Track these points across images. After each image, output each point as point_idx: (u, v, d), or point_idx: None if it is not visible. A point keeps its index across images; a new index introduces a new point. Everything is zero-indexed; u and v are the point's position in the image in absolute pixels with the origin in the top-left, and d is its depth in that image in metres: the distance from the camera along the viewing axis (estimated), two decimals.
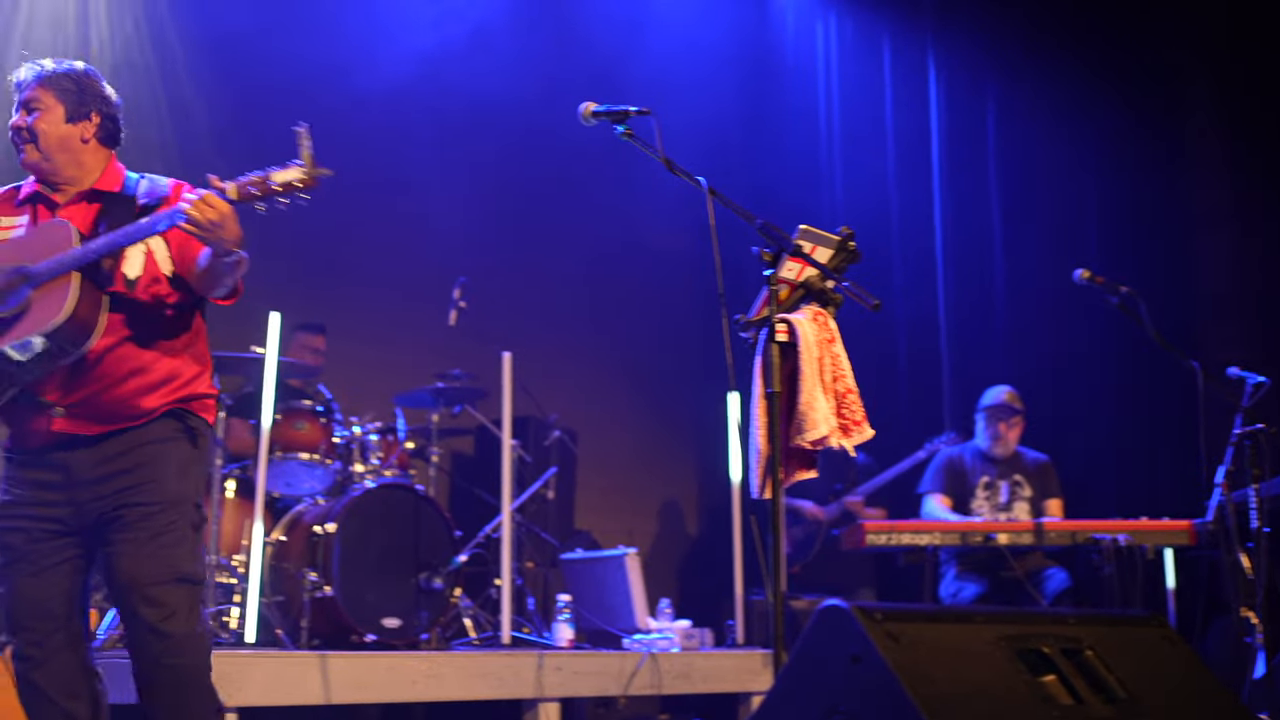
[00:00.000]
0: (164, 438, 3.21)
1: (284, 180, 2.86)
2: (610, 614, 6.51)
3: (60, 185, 3.29)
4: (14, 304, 3.05)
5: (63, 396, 3.15)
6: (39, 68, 3.28)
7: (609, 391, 8.88)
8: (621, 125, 3.59)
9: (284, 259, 7.46)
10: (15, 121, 3.25)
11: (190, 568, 3.18)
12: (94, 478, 3.16)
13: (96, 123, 3.28)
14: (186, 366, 3.28)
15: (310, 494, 6.08)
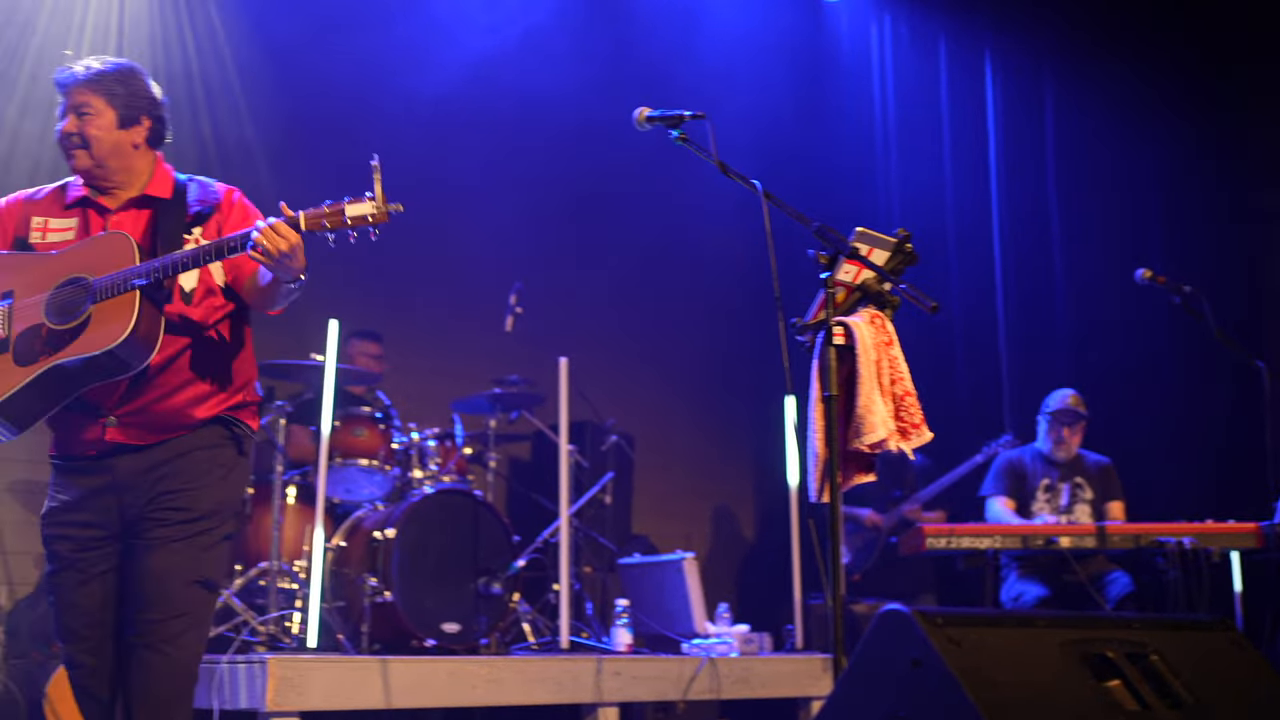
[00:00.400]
0: (210, 444, 3.21)
1: (356, 214, 2.88)
2: (668, 619, 6.50)
3: (110, 189, 3.26)
4: (76, 317, 3.04)
5: (117, 406, 3.14)
6: (85, 68, 3.21)
7: (666, 396, 8.87)
8: (676, 130, 3.58)
9: (342, 266, 7.50)
10: (65, 126, 3.20)
11: (211, 573, 3.19)
12: (139, 482, 3.16)
13: (147, 126, 3.25)
14: (236, 375, 3.28)
15: (370, 500, 6.13)
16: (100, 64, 3.23)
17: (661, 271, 8.91)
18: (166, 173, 3.32)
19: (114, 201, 3.26)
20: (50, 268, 3.13)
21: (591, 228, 8.59)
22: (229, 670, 4.79)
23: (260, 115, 7.29)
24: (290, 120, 7.40)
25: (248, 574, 5.73)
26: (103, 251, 3.10)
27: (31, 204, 3.31)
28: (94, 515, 3.17)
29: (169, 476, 3.15)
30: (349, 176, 7.57)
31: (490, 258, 8.01)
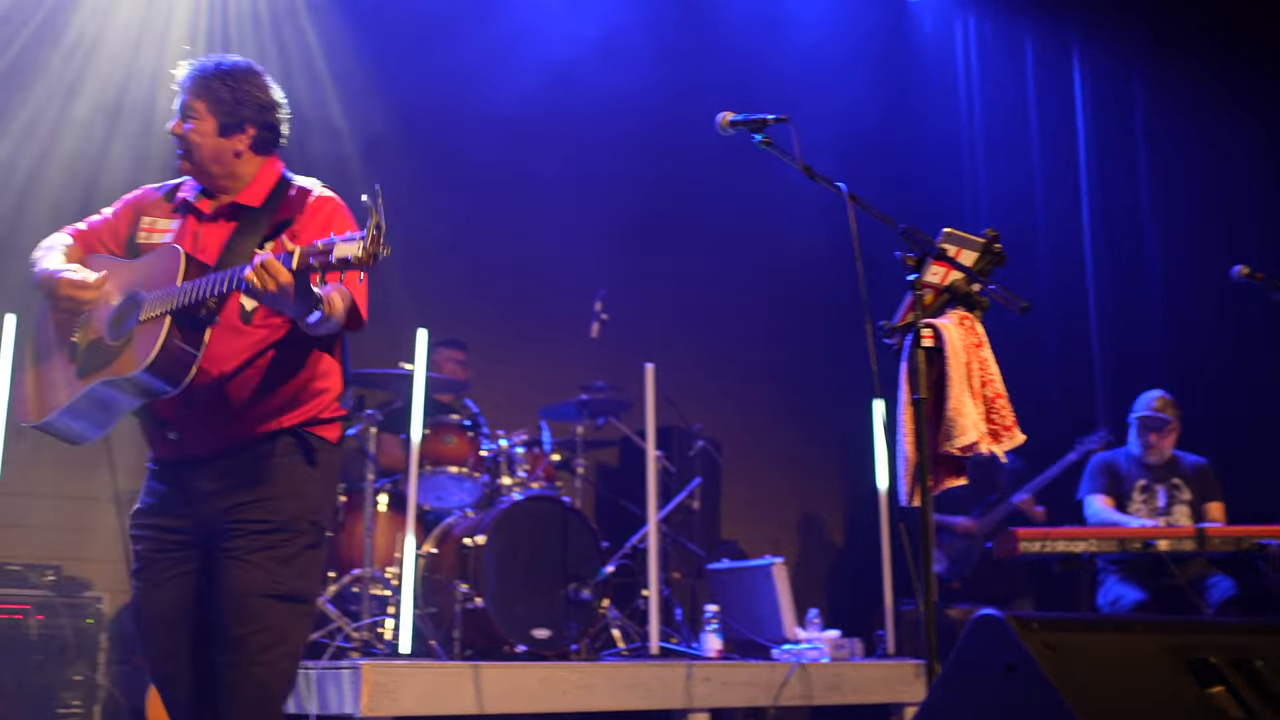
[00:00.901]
0: (283, 456, 3.14)
1: (342, 255, 2.71)
2: (758, 624, 6.47)
3: (216, 193, 3.23)
4: (122, 335, 3.02)
5: (181, 421, 3.13)
6: (197, 67, 3.18)
7: (753, 400, 8.85)
8: (760, 134, 3.57)
9: (430, 276, 7.61)
10: (172, 127, 3.19)
11: (295, 585, 3.09)
12: (211, 493, 3.13)
13: (251, 134, 3.19)
14: (306, 391, 3.19)
15: (459, 507, 6.18)
16: (213, 65, 3.19)
17: (747, 275, 8.88)
18: (268, 178, 3.24)
19: (211, 207, 3.23)
20: (122, 278, 3.13)
21: (676, 232, 8.59)
22: (324, 676, 4.85)
23: (348, 129, 7.39)
24: (375, 134, 7.49)
25: (341, 581, 5.81)
26: (157, 267, 3.06)
27: (146, 203, 3.31)
28: (173, 519, 3.16)
29: (242, 488, 3.11)
30: (426, 189, 7.70)
31: (576, 264, 8.04)
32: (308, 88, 7.30)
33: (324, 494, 3.24)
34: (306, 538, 3.13)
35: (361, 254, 2.69)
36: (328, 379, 3.25)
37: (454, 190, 7.83)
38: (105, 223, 3.32)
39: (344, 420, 3.30)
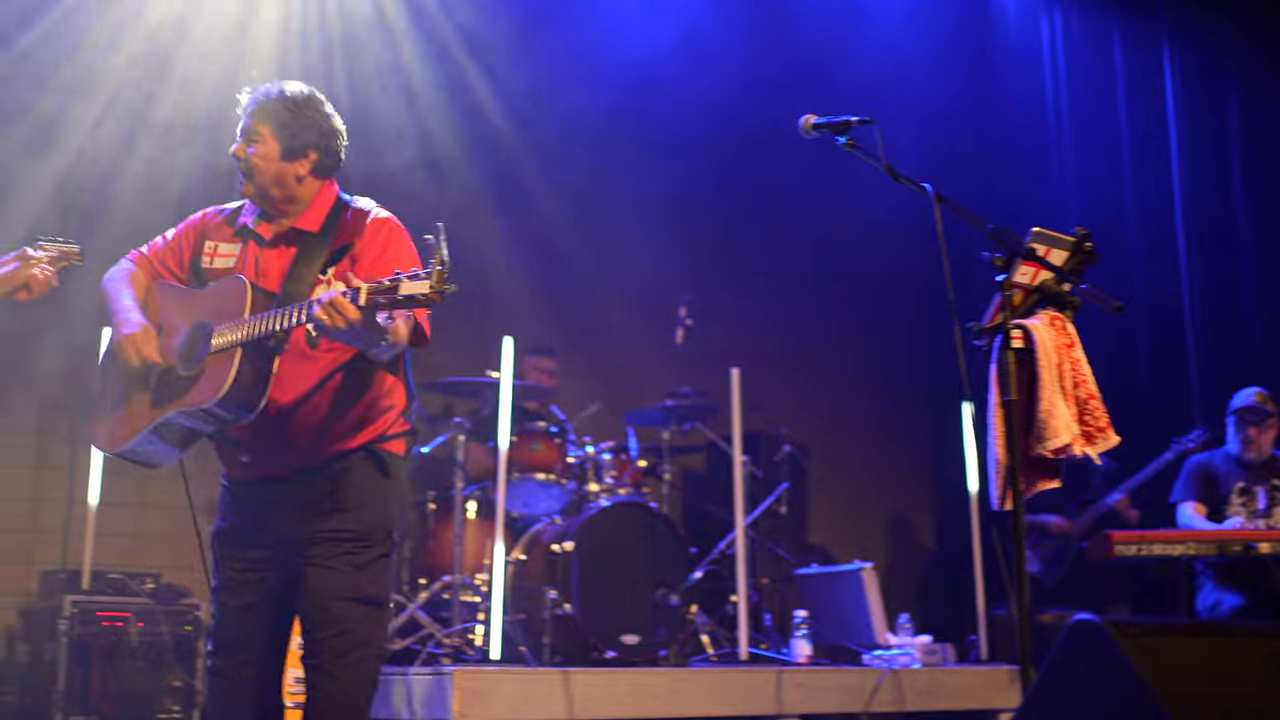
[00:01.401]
0: (356, 471, 3.22)
1: (408, 293, 2.76)
2: (848, 629, 6.43)
3: (274, 215, 3.27)
4: (194, 365, 3.10)
5: (252, 444, 3.21)
6: (262, 93, 3.23)
7: (839, 404, 8.79)
8: (843, 136, 3.55)
9: (515, 284, 7.67)
10: (235, 150, 3.23)
11: (372, 590, 3.19)
12: (289, 509, 3.21)
13: (313, 159, 3.22)
14: (374, 411, 3.25)
15: (547, 513, 6.21)
16: (277, 90, 3.23)
17: (831, 278, 8.83)
18: (325, 202, 3.28)
19: (271, 232, 3.28)
20: (189, 307, 3.20)
21: (761, 236, 8.57)
22: (416, 682, 4.90)
23: (431, 138, 7.47)
24: (459, 141, 7.57)
25: (432, 588, 5.87)
26: (223, 297, 3.12)
27: (208, 226, 3.37)
28: (254, 536, 3.25)
29: (319, 503, 3.19)
30: (510, 197, 7.75)
31: (660, 270, 8.05)
32: (390, 98, 7.38)
33: (396, 506, 3.32)
34: (381, 547, 3.23)
35: (429, 292, 2.74)
36: (393, 396, 3.31)
37: (539, 198, 7.87)
38: (167, 246, 3.39)
39: (409, 435, 3.36)
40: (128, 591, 5.70)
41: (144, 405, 3.17)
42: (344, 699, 3.13)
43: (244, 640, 3.24)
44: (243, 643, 3.24)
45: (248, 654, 3.24)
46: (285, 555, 3.22)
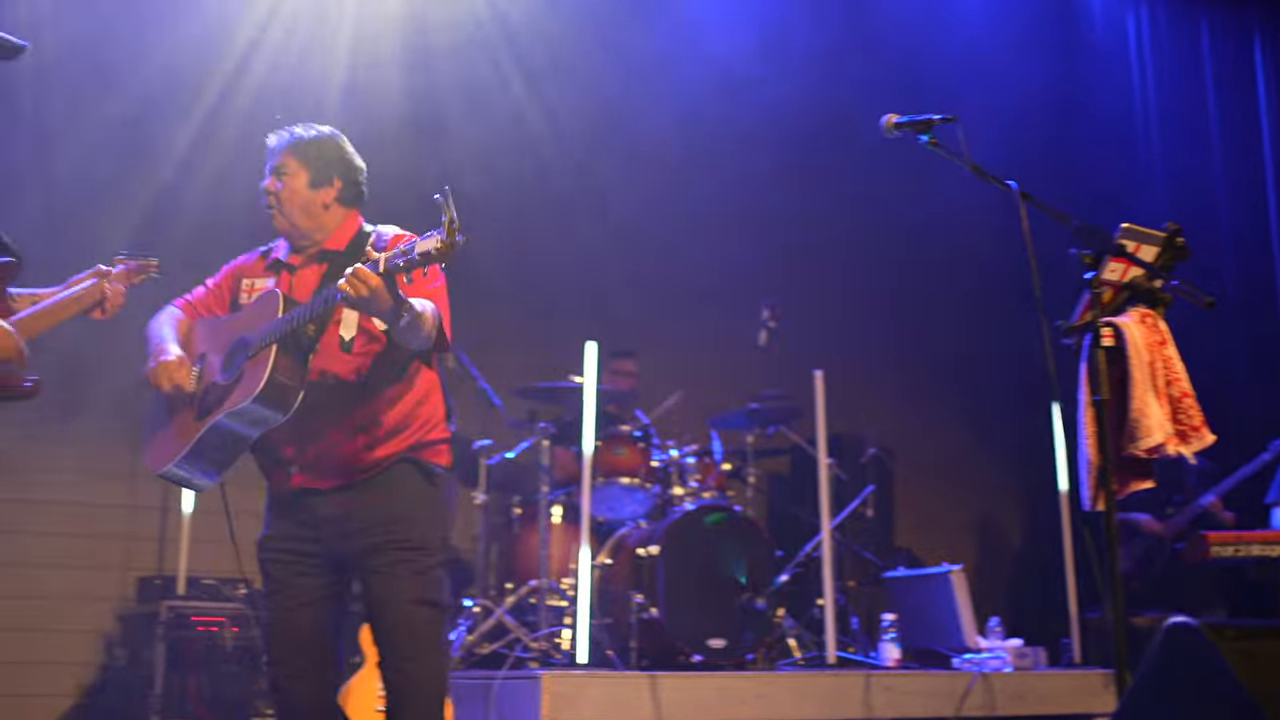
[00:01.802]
0: (399, 482, 3.33)
1: (423, 250, 2.88)
2: (937, 633, 6.37)
3: (304, 246, 3.44)
4: (233, 374, 3.23)
5: (297, 454, 3.32)
6: (288, 135, 3.44)
7: (925, 405, 8.71)
8: (926, 135, 3.51)
9: (597, 289, 7.69)
10: (266, 185, 3.41)
11: (434, 595, 3.32)
12: (338, 521, 3.32)
13: (338, 187, 3.41)
14: (414, 416, 3.37)
15: (632, 517, 6.22)
16: (303, 130, 3.45)
17: (915, 278, 8.76)
18: (351, 228, 3.45)
19: (301, 258, 3.45)
20: (231, 329, 3.36)
21: (843, 236, 8.52)
22: (504, 686, 4.93)
23: (509, 150, 7.52)
24: (536, 151, 7.61)
25: (519, 592, 5.90)
26: (260, 310, 3.29)
27: (244, 268, 3.56)
28: (302, 545, 3.37)
29: (369, 514, 3.30)
30: (591, 201, 7.78)
31: (743, 272, 8.04)
32: (467, 110, 7.44)
33: (445, 514, 3.44)
34: (437, 555, 3.36)
35: (440, 245, 2.84)
36: (430, 402, 3.43)
37: (619, 201, 7.90)
38: (209, 292, 3.58)
39: (452, 442, 3.48)
40: (221, 597, 5.81)
41: (189, 421, 3.31)
42: (420, 698, 3.29)
43: (297, 648, 3.35)
44: (296, 651, 3.35)
45: (302, 661, 3.35)
46: (336, 564, 3.36)
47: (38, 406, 3.28)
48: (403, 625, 3.28)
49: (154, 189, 6.65)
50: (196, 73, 6.80)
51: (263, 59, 6.97)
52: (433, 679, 3.33)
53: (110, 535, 6.45)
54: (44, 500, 6.31)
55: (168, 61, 6.70)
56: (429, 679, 3.31)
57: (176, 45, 6.74)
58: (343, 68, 7.05)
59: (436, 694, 3.33)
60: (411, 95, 7.25)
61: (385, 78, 7.18)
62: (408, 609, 3.28)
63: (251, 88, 6.88)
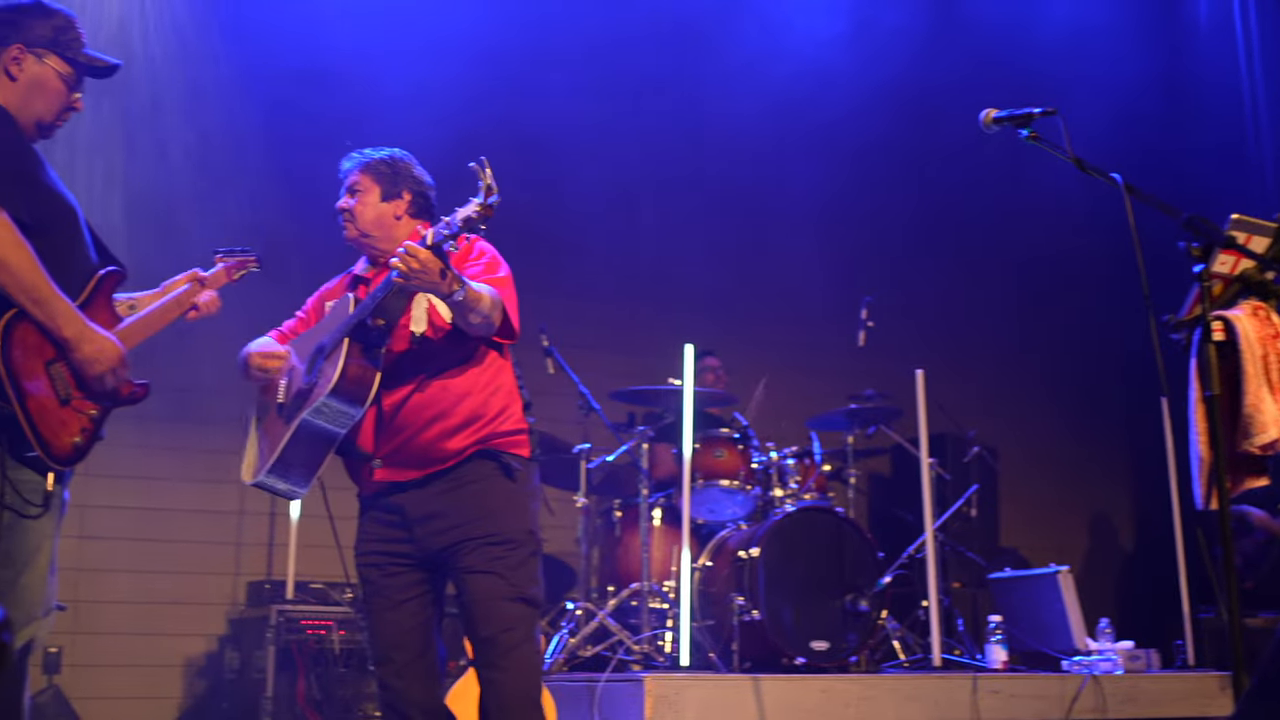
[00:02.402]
0: (481, 477, 3.43)
1: (464, 216, 3.05)
2: (1045, 634, 6.26)
3: (377, 258, 3.60)
4: (313, 376, 3.38)
5: (377, 448, 3.45)
6: (360, 156, 3.62)
7: (1028, 403, 8.58)
8: (1026, 129, 3.45)
9: (694, 291, 7.70)
10: (341, 203, 3.59)
11: (529, 591, 3.40)
12: (425, 517, 3.42)
13: (408, 200, 3.58)
14: (488, 406, 3.47)
15: (732, 519, 6.21)
16: (373, 151, 3.63)
17: (1016, 274, 8.64)
18: (417, 236, 3.58)
19: (374, 272, 3.60)
20: (312, 339, 3.51)
21: (942, 233, 8.43)
22: (607, 689, 4.95)
23: (600, 149, 7.55)
24: (632, 152, 7.63)
25: (620, 595, 5.92)
26: (334, 316, 3.47)
27: (327, 292, 3.74)
28: (393, 545, 3.47)
29: (457, 511, 3.40)
30: (688, 203, 7.77)
31: (840, 271, 7.99)
32: (566, 118, 7.48)
33: (530, 506, 3.53)
34: (528, 547, 3.44)
35: (479, 209, 3.02)
36: (503, 393, 3.54)
37: (716, 202, 7.90)
38: (300, 320, 3.76)
39: (529, 434, 3.58)
40: (329, 601, 5.91)
41: (278, 428, 3.44)
42: (517, 692, 3.36)
43: (398, 647, 3.45)
44: (398, 648, 3.44)
45: (405, 658, 3.44)
46: (428, 563, 3.45)
47: (149, 416, 3.37)
48: (494, 623, 3.34)
49: (239, 198, 6.78)
50: (275, 90, 6.90)
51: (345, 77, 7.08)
52: (531, 675, 3.40)
53: (221, 541, 6.60)
54: (157, 508, 6.48)
55: (248, 76, 6.82)
56: (522, 676, 3.37)
57: (260, 60, 6.86)
58: (437, 79, 7.11)
59: (535, 689, 3.40)
60: (511, 105, 7.31)
61: (485, 91, 7.24)
62: (498, 606, 3.35)
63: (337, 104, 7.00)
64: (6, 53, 3.10)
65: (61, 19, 3.18)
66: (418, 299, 3.39)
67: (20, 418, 2.87)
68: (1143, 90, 8.62)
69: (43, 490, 2.96)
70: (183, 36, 6.75)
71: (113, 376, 3.03)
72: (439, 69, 7.03)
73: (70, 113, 3.21)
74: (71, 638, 6.01)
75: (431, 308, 3.41)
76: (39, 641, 3.01)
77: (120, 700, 6.19)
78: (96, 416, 3.04)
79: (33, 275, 2.87)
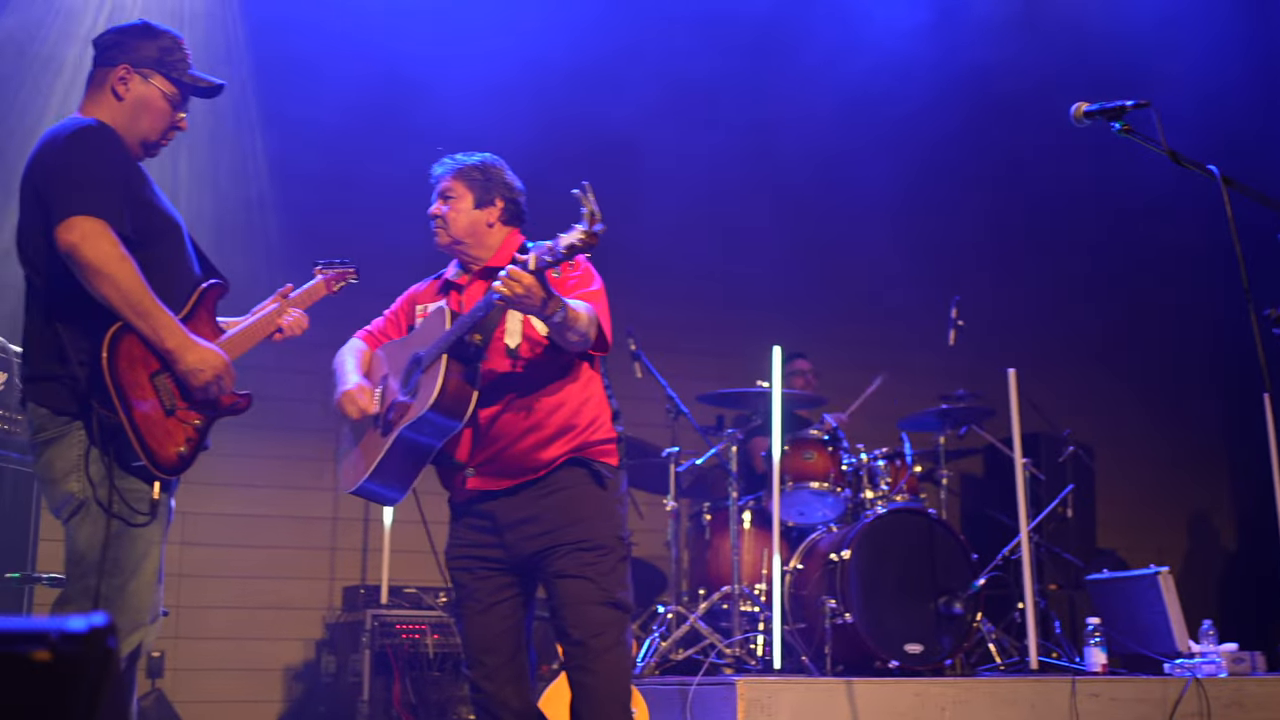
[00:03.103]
0: (572, 484, 3.46)
1: (568, 244, 3.02)
2: (1145, 637, 6.14)
3: (469, 264, 3.62)
4: (410, 389, 3.41)
5: (471, 458, 3.48)
6: (453, 162, 3.63)
7: (1124, 400, 8.43)
8: (1118, 122, 3.39)
9: (782, 293, 7.67)
10: (433, 209, 3.60)
11: (620, 595, 3.43)
12: (516, 522, 3.46)
13: (500, 207, 3.58)
14: (580, 417, 3.49)
15: (823, 522, 6.17)
16: (465, 157, 3.64)
17: (1109, 268, 8.49)
18: (513, 246, 3.57)
19: (467, 279, 3.63)
20: (407, 349, 3.55)
21: (1031, 229, 8.31)
22: (700, 692, 4.94)
23: (686, 152, 7.55)
24: (717, 161, 7.62)
25: (711, 598, 5.91)
26: (431, 327, 3.48)
27: (417, 295, 3.76)
28: (484, 550, 3.51)
29: (549, 517, 3.44)
30: (775, 205, 7.73)
31: (928, 270, 7.91)
32: (651, 122, 7.50)
33: (619, 512, 3.55)
34: (618, 552, 3.47)
35: (583, 236, 2.99)
36: (595, 403, 3.56)
37: (803, 203, 7.86)
38: (389, 320, 3.79)
39: (619, 443, 3.60)
40: (422, 605, 5.97)
41: (375, 440, 3.49)
42: (607, 695, 3.39)
43: (489, 650, 3.48)
44: (489, 651, 3.48)
45: (496, 661, 3.48)
46: (519, 567, 3.49)
47: (244, 424, 3.43)
48: (584, 627, 3.37)
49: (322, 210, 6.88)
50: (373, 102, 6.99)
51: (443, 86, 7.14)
52: (622, 679, 3.42)
53: (316, 547, 6.71)
54: (254, 514, 6.60)
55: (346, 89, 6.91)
56: (612, 680, 3.40)
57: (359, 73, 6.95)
58: (513, 83, 7.16)
59: (625, 692, 3.43)
60: (590, 108, 7.33)
61: (564, 96, 7.28)
62: (589, 610, 3.38)
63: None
64: (114, 72, 3.18)
65: (168, 40, 3.25)
66: (511, 311, 3.40)
67: (127, 428, 2.94)
68: (1237, 79, 8.42)
69: (149, 499, 3.02)
70: (260, 41, 6.83)
71: (216, 386, 3.08)
72: (515, 73, 7.09)
73: (175, 132, 3.29)
74: (174, 642, 6.14)
75: (526, 320, 3.44)
76: (145, 647, 3.07)
77: (221, 704, 6.31)
78: (201, 426, 3.10)
79: (136, 289, 2.94)
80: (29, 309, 3.10)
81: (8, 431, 4.18)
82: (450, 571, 3.60)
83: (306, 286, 3.61)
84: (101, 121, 3.11)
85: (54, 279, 3.00)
